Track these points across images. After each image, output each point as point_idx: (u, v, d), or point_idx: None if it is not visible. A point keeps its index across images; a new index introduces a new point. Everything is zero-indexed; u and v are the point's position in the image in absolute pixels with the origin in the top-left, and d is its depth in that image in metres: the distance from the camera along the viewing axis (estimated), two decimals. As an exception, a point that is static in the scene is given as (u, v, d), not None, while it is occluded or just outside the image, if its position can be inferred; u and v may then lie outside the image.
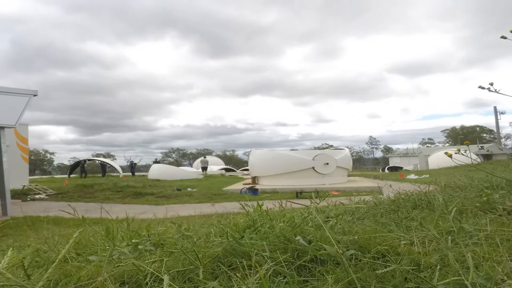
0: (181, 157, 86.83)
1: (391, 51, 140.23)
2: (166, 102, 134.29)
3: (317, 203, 2.19)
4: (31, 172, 42.88)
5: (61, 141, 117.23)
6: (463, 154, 2.21)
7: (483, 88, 2.23)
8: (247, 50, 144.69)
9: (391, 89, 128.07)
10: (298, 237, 1.53)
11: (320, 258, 1.39)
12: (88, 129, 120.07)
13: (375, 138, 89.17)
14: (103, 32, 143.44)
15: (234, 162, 72.03)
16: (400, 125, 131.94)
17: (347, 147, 20.86)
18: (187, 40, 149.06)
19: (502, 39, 2.19)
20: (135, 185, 17.58)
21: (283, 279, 1.25)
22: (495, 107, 40.25)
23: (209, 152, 78.75)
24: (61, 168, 72.59)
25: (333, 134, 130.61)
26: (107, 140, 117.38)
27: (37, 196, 15.41)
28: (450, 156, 2.25)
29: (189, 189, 16.99)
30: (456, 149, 2.27)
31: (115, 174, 35.29)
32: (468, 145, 2.23)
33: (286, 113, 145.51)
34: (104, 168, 34.20)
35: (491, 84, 2.22)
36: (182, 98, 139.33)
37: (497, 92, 2.22)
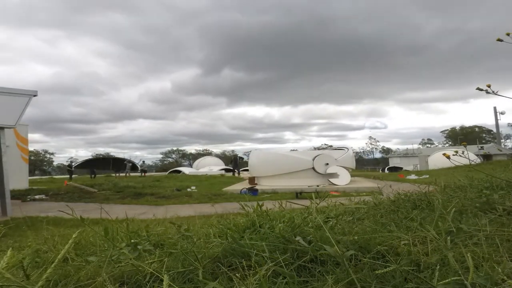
0: (181, 158, 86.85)
1: None
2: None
3: (317, 204, 2.19)
4: (31, 172, 42.80)
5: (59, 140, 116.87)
6: (460, 156, 2.21)
7: (481, 89, 2.23)
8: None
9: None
10: (298, 238, 1.53)
11: (320, 259, 1.39)
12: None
13: (374, 139, 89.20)
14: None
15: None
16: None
17: (346, 147, 20.69)
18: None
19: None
20: (135, 185, 17.64)
21: (283, 279, 1.25)
22: (494, 108, 40.25)
23: (209, 153, 78.77)
24: (61, 169, 72.39)
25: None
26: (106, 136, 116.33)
27: (37, 197, 15.40)
28: (448, 157, 2.25)
29: (188, 190, 17.00)
30: (454, 151, 2.26)
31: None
32: (465, 146, 2.23)
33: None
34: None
35: (489, 86, 2.22)
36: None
37: (496, 94, 2.22)
